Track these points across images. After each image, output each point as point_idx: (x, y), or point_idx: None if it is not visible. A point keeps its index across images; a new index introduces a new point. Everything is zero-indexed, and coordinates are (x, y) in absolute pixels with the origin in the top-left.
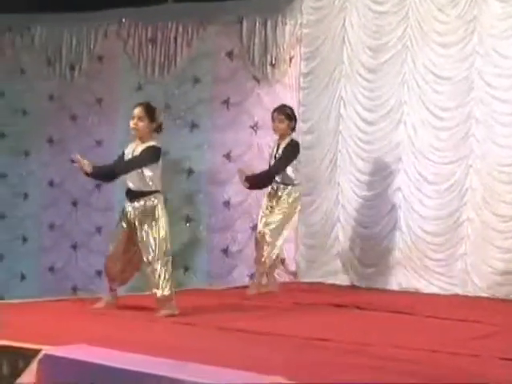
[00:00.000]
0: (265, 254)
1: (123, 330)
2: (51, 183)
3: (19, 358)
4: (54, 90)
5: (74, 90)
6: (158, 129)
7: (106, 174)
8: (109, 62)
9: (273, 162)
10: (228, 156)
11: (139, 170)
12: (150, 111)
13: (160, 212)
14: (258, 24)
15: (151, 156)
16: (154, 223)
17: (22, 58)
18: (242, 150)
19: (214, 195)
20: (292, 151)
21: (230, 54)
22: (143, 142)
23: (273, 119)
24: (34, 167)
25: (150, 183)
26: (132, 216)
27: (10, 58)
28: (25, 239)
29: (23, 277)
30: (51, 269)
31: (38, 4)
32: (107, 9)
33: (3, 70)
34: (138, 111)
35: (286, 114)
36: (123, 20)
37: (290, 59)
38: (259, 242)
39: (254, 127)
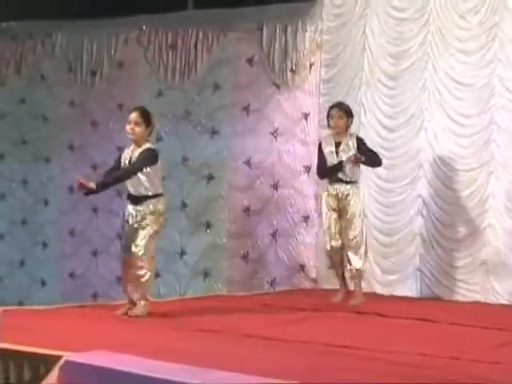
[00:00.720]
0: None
1: (144, 336)
2: (71, 189)
3: (40, 364)
4: (74, 97)
5: (94, 97)
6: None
7: (109, 184)
8: (129, 69)
9: (335, 159)
10: (248, 162)
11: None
12: (146, 116)
13: (152, 218)
14: (278, 30)
15: (149, 158)
16: (147, 226)
17: (43, 65)
18: (262, 157)
19: (234, 201)
20: (365, 144)
21: (250, 61)
22: (139, 145)
23: (331, 116)
24: (54, 173)
25: (148, 186)
26: (132, 220)
27: (31, 65)
28: (45, 245)
29: (44, 283)
30: (71, 275)
31: (58, 11)
32: (128, 16)
33: (24, 77)
34: (134, 116)
35: (345, 110)
36: (144, 27)
37: (311, 66)
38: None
39: (274, 133)
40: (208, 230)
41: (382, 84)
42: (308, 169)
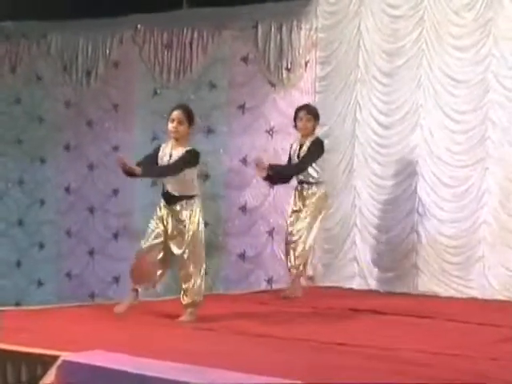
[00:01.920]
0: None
1: (142, 335)
2: (68, 189)
3: (37, 364)
4: (70, 97)
5: (90, 96)
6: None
7: (152, 176)
8: (125, 68)
9: (295, 159)
10: (244, 161)
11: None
12: (189, 114)
13: (193, 218)
14: (273, 29)
15: (194, 159)
16: (188, 228)
17: (39, 65)
18: (257, 155)
19: (231, 200)
20: (318, 149)
21: (245, 59)
22: (180, 145)
23: (299, 118)
24: (50, 173)
25: (189, 187)
26: (167, 219)
27: (27, 65)
28: (42, 245)
29: (40, 283)
30: (68, 275)
31: (53, 11)
32: (122, 15)
33: (20, 77)
34: (178, 114)
35: (313, 113)
36: (138, 26)
37: (306, 64)
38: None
39: (270, 132)
40: (204, 229)
41: (377, 81)
42: None
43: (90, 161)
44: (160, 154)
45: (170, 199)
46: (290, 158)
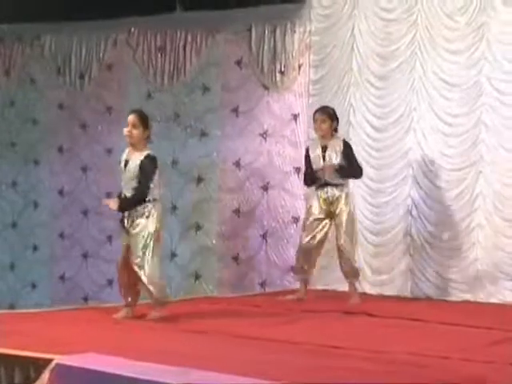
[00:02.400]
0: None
1: (134, 338)
2: (61, 192)
3: (31, 367)
4: (63, 99)
5: (83, 99)
6: (149, 137)
7: (131, 206)
8: (118, 71)
9: (321, 163)
10: (238, 164)
11: (134, 181)
12: (144, 119)
13: (150, 222)
14: (266, 32)
15: (152, 167)
16: (143, 229)
17: (32, 68)
18: (251, 158)
19: (224, 203)
20: (351, 150)
21: (239, 62)
22: (137, 149)
23: (315, 120)
24: (44, 176)
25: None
26: (128, 224)
27: (20, 68)
28: (35, 248)
29: (34, 285)
30: (62, 277)
31: (47, 14)
32: (116, 18)
33: (13, 80)
34: (132, 118)
35: (328, 113)
36: (132, 29)
37: (299, 67)
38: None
39: (264, 135)
40: (198, 232)
41: (371, 84)
42: (298, 170)
43: (84, 163)
44: (121, 161)
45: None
46: (309, 163)
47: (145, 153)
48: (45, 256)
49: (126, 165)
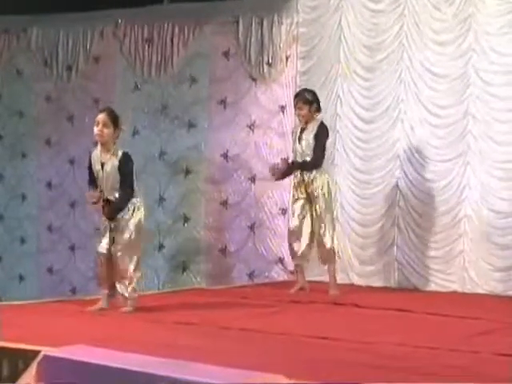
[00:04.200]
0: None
1: (123, 330)
2: (49, 185)
3: (19, 360)
4: (51, 92)
5: (70, 91)
6: (118, 136)
7: (116, 212)
8: (105, 63)
9: (297, 144)
10: (225, 155)
11: (117, 183)
12: (114, 118)
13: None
14: (254, 23)
15: (131, 164)
16: (125, 227)
17: (19, 60)
18: (239, 149)
19: (212, 195)
20: (324, 133)
21: (226, 54)
22: (107, 149)
23: (294, 105)
24: (31, 168)
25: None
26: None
27: (7, 60)
28: (23, 240)
29: (22, 278)
30: (50, 270)
31: (34, 5)
32: (103, 9)
33: (0, 72)
34: (102, 117)
35: (304, 98)
36: (119, 21)
37: (287, 58)
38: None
39: (251, 126)
40: (186, 224)
41: (358, 76)
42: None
43: (71, 156)
44: (92, 162)
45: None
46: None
47: (119, 152)
48: (32, 248)
49: (102, 167)
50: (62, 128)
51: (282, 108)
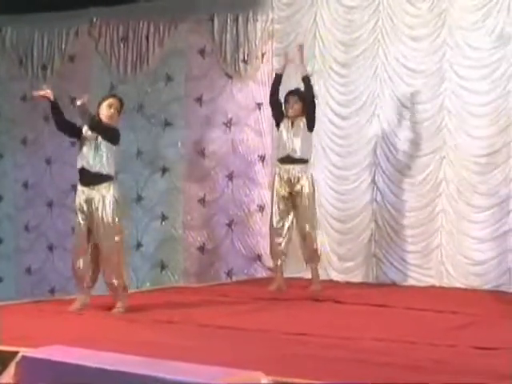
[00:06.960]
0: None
1: (101, 329)
2: (26, 184)
3: None
4: (26, 91)
5: None
6: None
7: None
8: (81, 62)
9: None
10: (202, 153)
11: (100, 148)
12: (122, 106)
13: (106, 205)
14: (229, 21)
15: (116, 135)
16: (105, 211)
17: None
18: (216, 147)
19: (189, 193)
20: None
21: (202, 52)
22: None
23: (286, 101)
24: (8, 168)
25: (106, 164)
26: (86, 204)
27: None
28: (0, 241)
29: (0, 279)
30: (28, 270)
31: (7, 4)
32: (78, 8)
33: None
34: (116, 103)
35: (300, 94)
36: (94, 19)
37: (263, 55)
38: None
39: (228, 124)
40: (164, 222)
41: (334, 72)
42: (262, 158)
43: (48, 155)
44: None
45: (86, 178)
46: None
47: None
48: (10, 249)
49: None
50: (38, 128)
51: (259, 105)
